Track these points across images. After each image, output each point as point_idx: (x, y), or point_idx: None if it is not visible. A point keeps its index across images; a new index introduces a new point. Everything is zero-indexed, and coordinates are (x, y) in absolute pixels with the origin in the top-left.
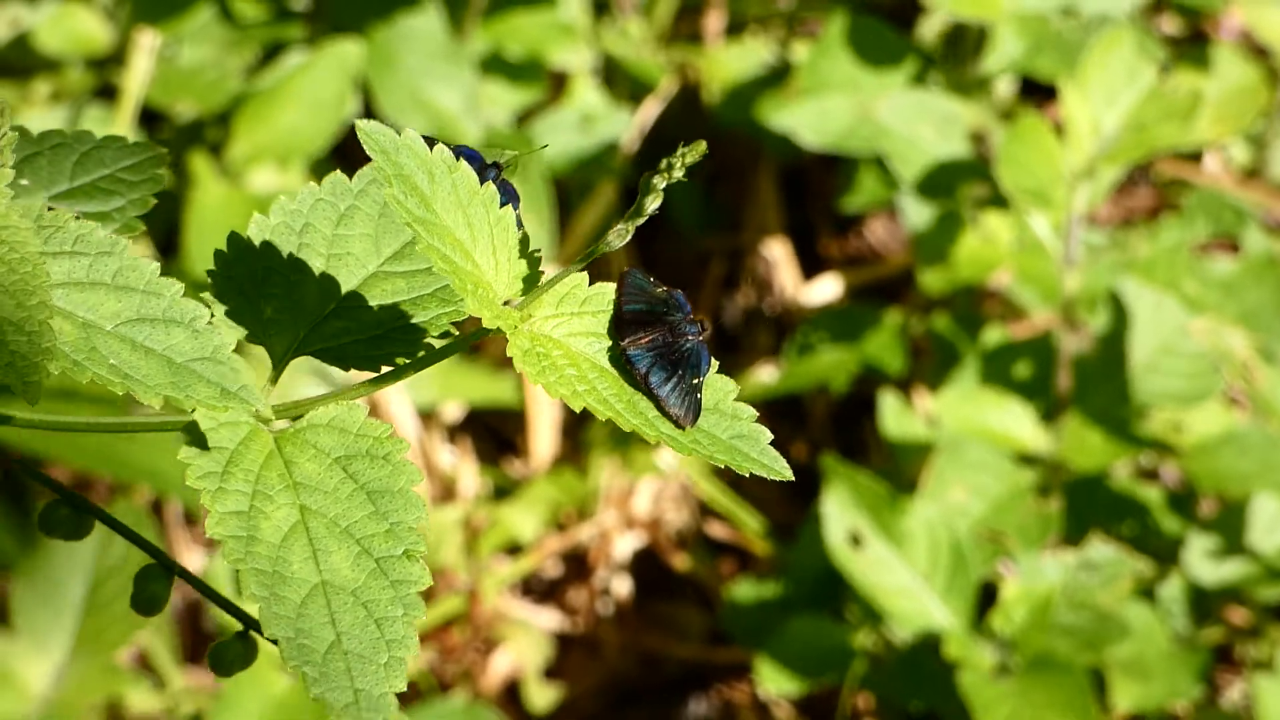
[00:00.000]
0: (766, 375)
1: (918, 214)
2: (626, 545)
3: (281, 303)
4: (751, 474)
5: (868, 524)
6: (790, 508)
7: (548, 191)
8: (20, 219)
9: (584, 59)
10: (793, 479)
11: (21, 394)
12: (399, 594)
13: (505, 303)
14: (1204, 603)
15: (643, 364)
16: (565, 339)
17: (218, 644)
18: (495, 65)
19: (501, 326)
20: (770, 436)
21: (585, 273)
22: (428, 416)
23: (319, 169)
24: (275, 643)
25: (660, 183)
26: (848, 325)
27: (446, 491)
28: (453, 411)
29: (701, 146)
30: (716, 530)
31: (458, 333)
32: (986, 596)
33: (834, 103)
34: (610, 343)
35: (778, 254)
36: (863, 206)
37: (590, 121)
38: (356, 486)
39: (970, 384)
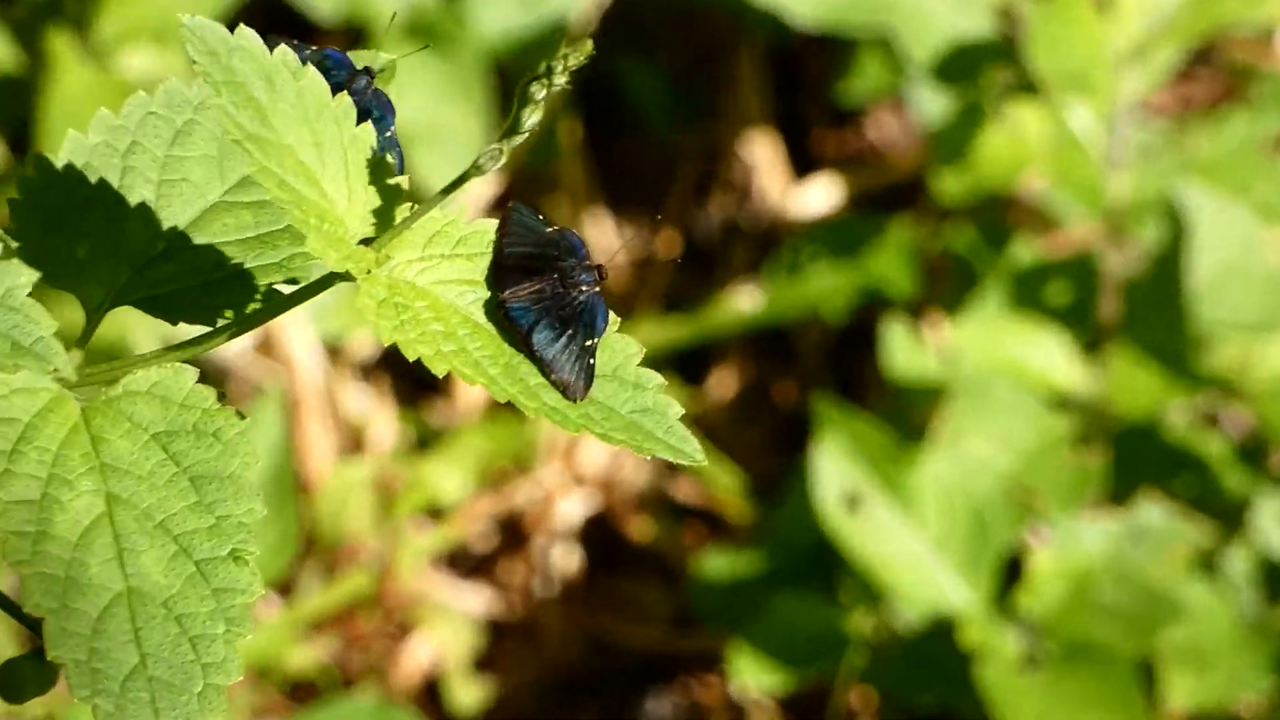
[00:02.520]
0: (746, 300)
1: (931, 105)
2: (573, 508)
3: (99, 241)
4: (653, 456)
5: (868, 481)
6: (773, 461)
7: (484, 81)
8: None
9: None
10: (704, 463)
11: None
12: (221, 606)
13: (360, 242)
14: (1276, 578)
15: (525, 319)
16: (432, 287)
17: (7, 663)
18: None
19: (351, 271)
20: (680, 411)
21: (461, 206)
22: (335, 351)
23: None
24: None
25: (539, 92)
26: (845, 239)
27: (355, 442)
28: (366, 345)
29: (587, 46)
30: (683, 490)
31: (308, 277)
32: (1012, 570)
33: None
34: (488, 293)
35: (761, 153)
36: (864, 96)
37: None
38: (178, 470)
39: (994, 311)
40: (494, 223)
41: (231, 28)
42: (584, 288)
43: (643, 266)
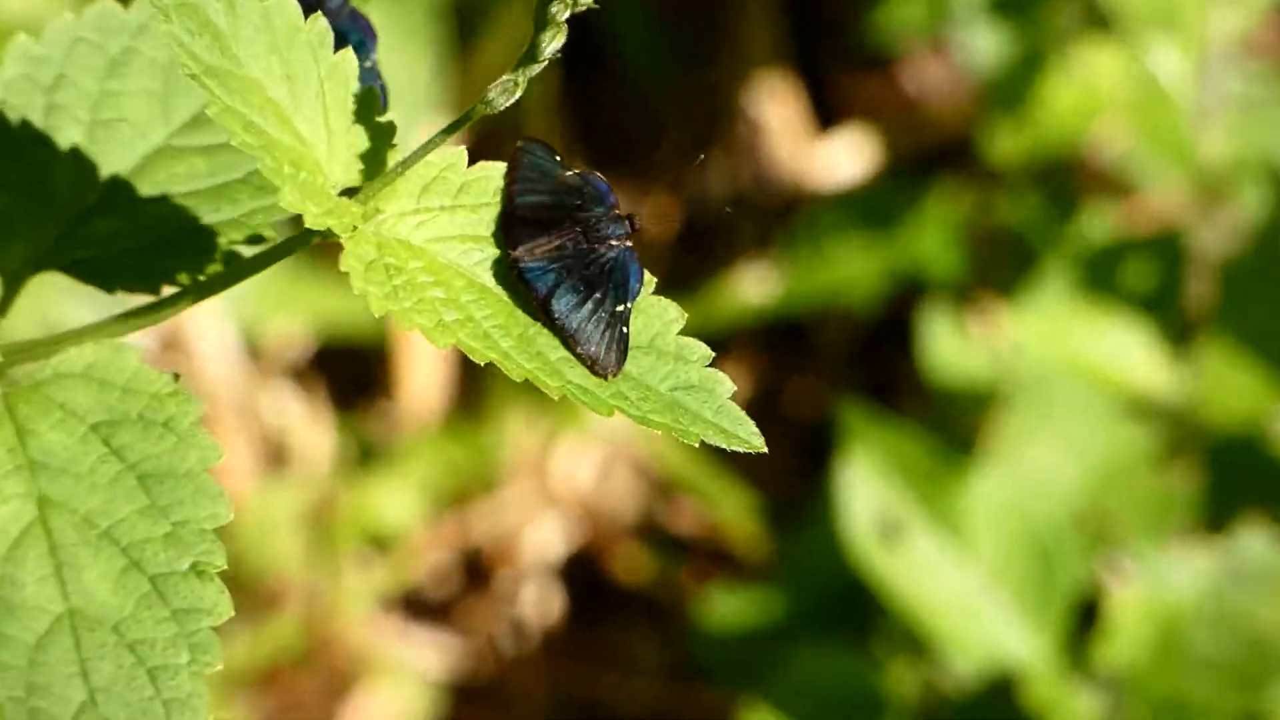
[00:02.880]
0: (755, 285)
1: (982, 46)
2: (549, 539)
3: (18, 193)
4: (703, 443)
5: (906, 505)
6: (790, 481)
7: (431, 19)
8: None
9: None
10: (763, 449)
11: None
12: (183, 630)
13: (342, 193)
14: None
15: (543, 282)
16: (429, 245)
17: None
18: None
19: (333, 227)
20: (731, 387)
21: (462, 148)
22: (255, 346)
23: None
24: None
25: (561, 11)
26: (876, 210)
27: (281, 458)
28: (294, 338)
29: None
30: (681, 517)
31: (275, 236)
32: (1085, 614)
33: None
34: (497, 251)
35: (773, 106)
36: (899, 35)
37: None
38: (123, 467)
39: (1059, 297)
40: (501, 166)
41: None
42: (613, 242)
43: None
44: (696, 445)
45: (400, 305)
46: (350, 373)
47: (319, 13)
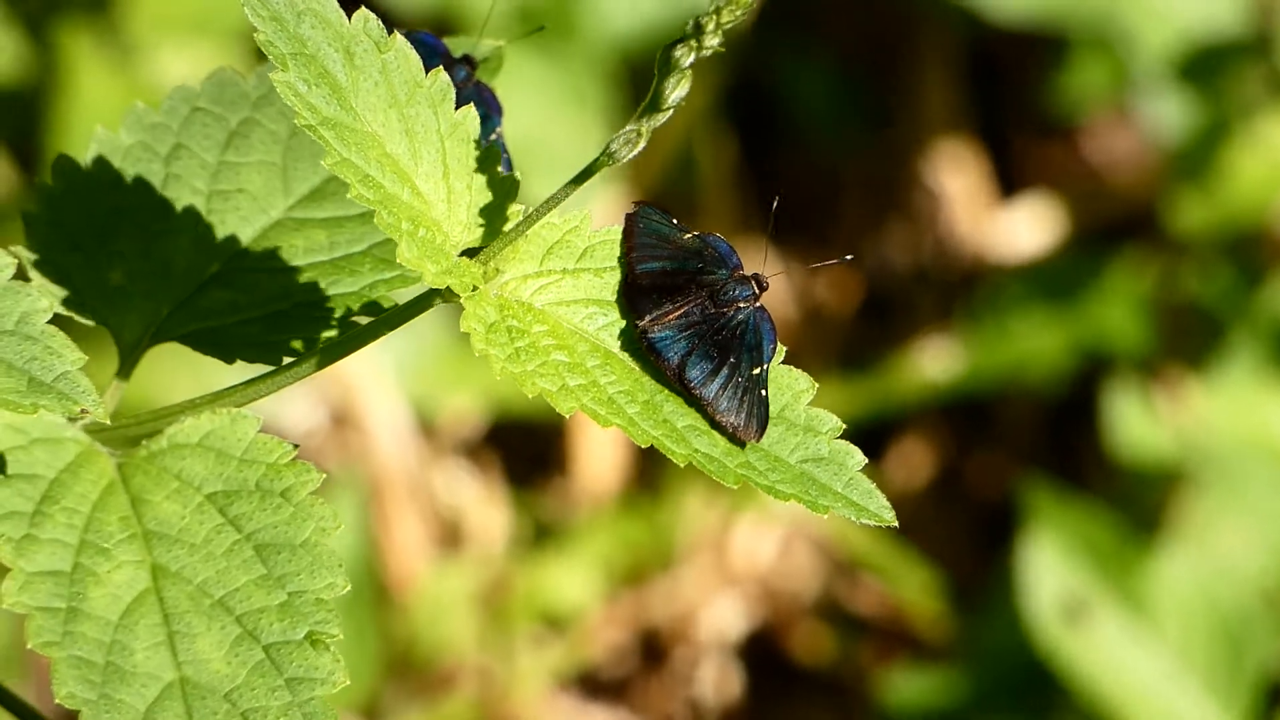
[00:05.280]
0: (936, 360)
1: (1166, 115)
2: (727, 618)
3: (136, 263)
4: (830, 514)
5: (1091, 585)
6: (972, 560)
7: (602, 83)
8: None
9: None
10: (893, 522)
11: None
12: (297, 699)
13: (461, 254)
14: None
15: (673, 352)
16: (552, 309)
17: None
18: None
19: (453, 287)
20: (862, 460)
21: (586, 210)
22: (429, 424)
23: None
24: None
25: (685, 57)
26: (1060, 283)
27: (455, 537)
28: (467, 416)
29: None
30: (863, 596)
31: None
32: (1275, 696)
33: None
34: (620, 317)
35: (953, 174)
36: (1082, 104)
37: None
38: (239, 537)
39: (1248, 373)
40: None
41: None
42: (741, 304)
43: (809, 316)
44: (825, 517)
45: (523, 368)
46: (524, 450)
47: (440, 68)
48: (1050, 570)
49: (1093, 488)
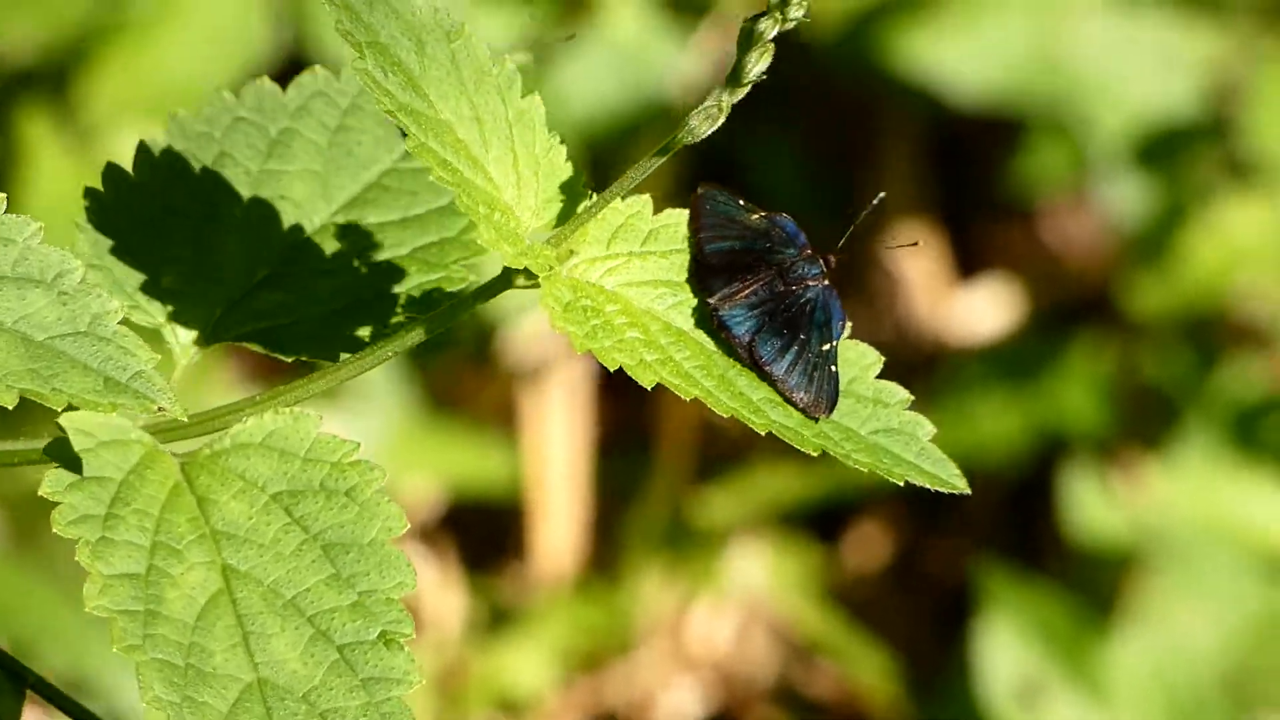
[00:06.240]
0: None
1: (1123, 198)
2: (684, 702)
3: (188, 267)
4: (906, 483)
5: (1047, 668)
6: (928, 643)
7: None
8: None
9: None
10: (966, 490)
11: None
12: (374, 699)
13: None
14: None
15: (745, 329)
16: (623, 290)
17: None
18: None
19: (531, 267)
20: (932, 430)
21: (646, 196)
22: None
23: None
24: None
25: (770, 29)
26: (1018, 365)
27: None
28: (424, 498)
29: None
30: (820, 680)
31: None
32: None
33: (1002, 30)
34: (690, 296)
35: (912, 256)
36: (1040, 187)
37: (633, 60)
38: (306, 537)
39: (1204, 455)
40: (686, 214)
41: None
42: (810, 282)
43: None
44: (901, 484)
45: (600, 344)
46: (481, 533)
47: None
48: (1006, 653)
49: (1050, 569)
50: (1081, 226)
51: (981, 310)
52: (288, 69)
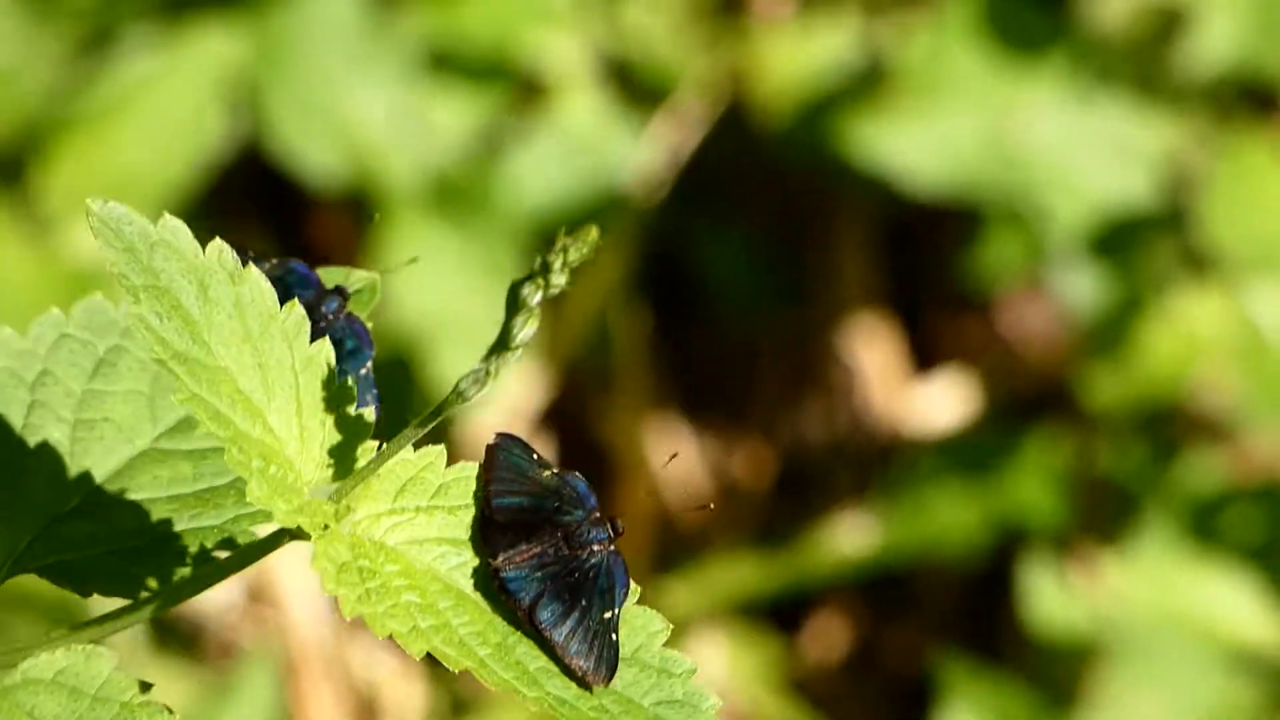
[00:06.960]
0: (851, 534)
1: (1079, 289)
2: None
3: None
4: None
5: None
6: None
7: (517, 255)
8: None
9: (573, 53)
10: None
11: None
12: None
13: (317, 491)
14: None
15: (526, 593)
16: (404, 548)
17: None
18: (448, 64)
19: (303, 526)
20: (717, 703)
21: (440, 447)
22: None
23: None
24: None
25: (534, 295)
26: (974, 458)
27: (371, 711)
28: None
29: (592, 234)
30: None
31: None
32: None
33: (956, 121)
34: (474, 556)
35: (868, 347)
36: (995, 278)
37: (586, 149)
38: None
39: (1162, 548)
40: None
41: (211, 198)
42: (595, 547)
43: (724, 492)
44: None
45: (373, 609)
46: None
47: (295, 301)
48: None
49: (1009, 661)
50: (1038, 317)
51: (938, 402)
52: (244, 160)
